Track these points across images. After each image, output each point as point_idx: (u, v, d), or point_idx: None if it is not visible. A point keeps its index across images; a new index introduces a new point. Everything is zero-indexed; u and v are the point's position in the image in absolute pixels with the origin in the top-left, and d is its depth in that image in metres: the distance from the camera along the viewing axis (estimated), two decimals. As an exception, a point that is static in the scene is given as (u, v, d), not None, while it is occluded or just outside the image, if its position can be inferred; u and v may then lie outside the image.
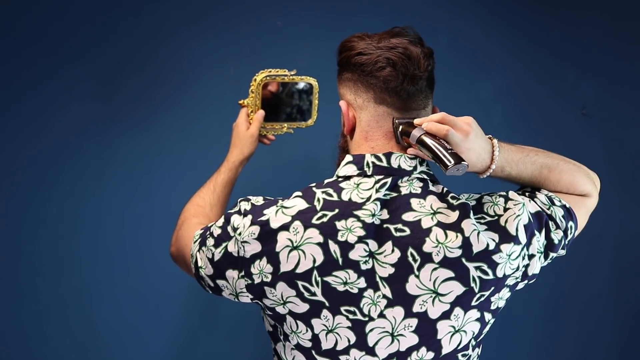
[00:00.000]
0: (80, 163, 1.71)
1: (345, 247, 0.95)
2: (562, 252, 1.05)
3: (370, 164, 1.01)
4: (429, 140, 0.96)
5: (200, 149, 1.75)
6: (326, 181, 1.02)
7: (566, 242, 1.05)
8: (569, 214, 1.05)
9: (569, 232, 1.04)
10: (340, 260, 0.95)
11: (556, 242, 1.02)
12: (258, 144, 1.30)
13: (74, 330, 1.71)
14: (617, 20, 1.86)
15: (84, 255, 1.72)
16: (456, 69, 1.80)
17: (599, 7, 1.86)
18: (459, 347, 1.00)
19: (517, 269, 0.99)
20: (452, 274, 0.95)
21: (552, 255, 1.03)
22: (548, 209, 1.03)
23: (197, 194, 1.24)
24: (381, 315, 0.96)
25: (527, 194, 1.06)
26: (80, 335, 1.71)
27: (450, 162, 0.94)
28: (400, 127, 1.01)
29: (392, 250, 0.96)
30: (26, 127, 1.69)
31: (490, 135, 1.03)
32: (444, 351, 0.99)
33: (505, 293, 1.00)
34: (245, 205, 1.02)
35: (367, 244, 0.96)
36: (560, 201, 1.05)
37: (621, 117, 1.86)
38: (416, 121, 0.99)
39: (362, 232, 0.96)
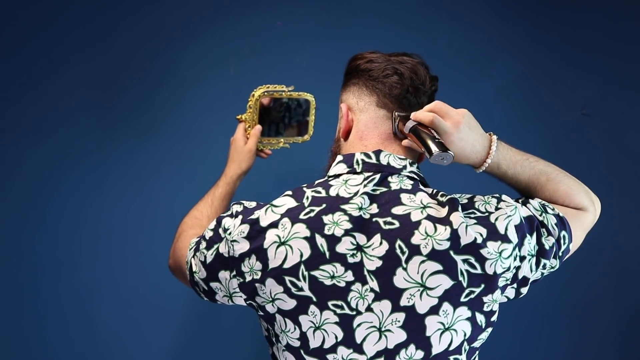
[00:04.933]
0: (80, 163, 1.71)
1: (332, 240, 0.96)
2: (554, 261, 1.05)
3: (360, 162, 1.04)
4: (419, 130, 0.99)
5: (200, 149, 1.75)
6: (317, 181, 1.04)
7: (559, 253, 1.05)
8: (562, 223, 1.05)
9: (561, 241, 1.04)
10: (327, 253, 0.96)
11: (547, 248, 1.02)
12: (256, 158, 1.32)
13: (74, 331, 1.71)
14: (617, 20, 1.86)
15: (84, 256, 1.72)
16: (456, 69, 1.80)
17: (599, 7, 1.86)
18: (450, 349, 0.99)
19: (509, 269, 0.98)
20: (440, 267, 0.95)
21: (544, 262, 1.02)
22: (540, 215, 1.03)
23: (195, 207, 1.26)
24: (369, 309, 0.96)
25: (520, 200, 1.07)
26: (80, 336, 1.71)
27: (435, 150, 0.96)
28: (398, 119, 1.04)
29: (380, 243, 0.96)
30: (27, 128, 1.70)
31: (492, 132, 1.04)
32: (434, 351, 0.98)
33: (498, 295, 1.00)
34: (237, 208, 1.04)
35: (354, 237, 0.96)
36: (553, 209, 1.05)
37: (621, 117, 1.86)
38: (413, 114, 1.03)
39: (348, 225, 0.97)
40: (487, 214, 0.99)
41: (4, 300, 1.69)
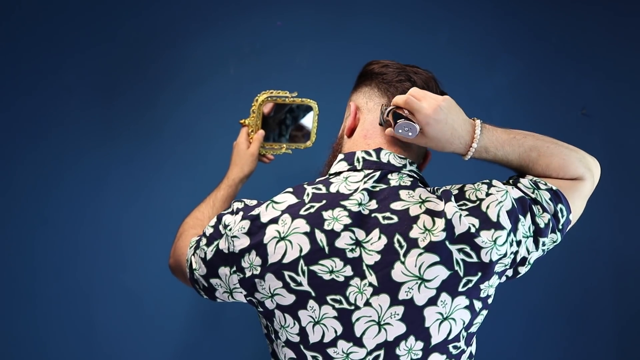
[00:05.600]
0: (80, 164, 1.71)
1: (332, 235, 0.97)
2: (554, 236, 1.03)
3: (360, 159, 1.05)
4: (396, 112, 1.01)
5: (200, 149, 1.75)
6: (318, 179, 1.06)
7: (559, 226, 1.04)
8: (557, 196, 1.03)
9: (559, 214, 1.03)
10: (326, 248, 0.97)
11: (543, 226, 1.01)
12: (258, 162, 1.32)
13: (73, 331, 1.71)
14: (618, 20, 1.86)
15: (83, 256, 1.72)
16: (456, 69, 1.80)
17: (599, 6, 1.86)
18: (450, 338, 1.00)
19: (505, 255, 0.99)
20: (437, 259, 0.96)
21: (543, 240, 1.02)
22: (532, 192, 1.03)
23: (196, 208, 1.27)
24: (367, 303, 0.97)
25: (511, 181, 1.07)
26: (79, 337, 1.71)
27: (400, 120, 0.98)
28: (383, 110, 1.05)
29: (379, 238, 0.97)
30: (27, 128, 1.70)
31: (475, 117, 1.04)
32: (434, 341, 0.99)
33: (494, 280, 1.00)
34: (238, 205, 1.05)
35: (353, 232, 0.97)
36: (545, 184, 1.04)
37: (621, 117, 1.86)
38: (393, 100, 1.04)
39: (348, 221, 0.97)
40: (477, 202, 0.99)
41: (3, 301, 1.69)
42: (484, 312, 1.03)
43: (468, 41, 1.84)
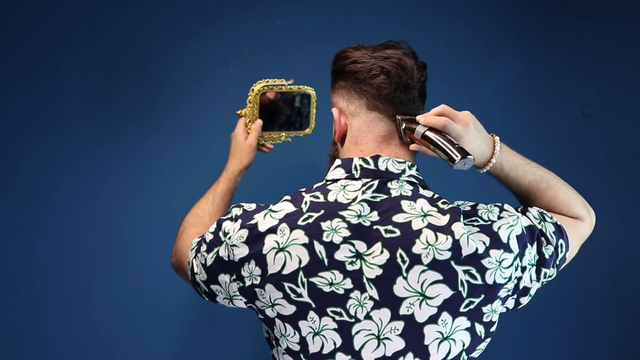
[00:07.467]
0: (80, 163, 1.71)
1: (331, 247, 0.96)
2: (551, 270, 1.05)
3: (358, 167, 1.02)
4: (433, 135, 0.98)
5: (200, 149, 1.75)
6: (315, 185, 1.04)
7: (557, 262, 1.05)
8: (560, 231, 1.05)
9: (559, 249, 1.05)
10: (325, 260, 0.96)
11: (547, 257, 1.02)
12: (257, 153, 1.31)
13: (74, 331, 1.71)
14: (617, 21, 1.86)
15: (84, 255, 1.72)
16: (456, 69, 1.80)
17: (599, 7, 1.86)
18: (449, 358, 0.99)
19: (510, 279, 0.98)
20: (440, 277, 0.95)
21: (545, 271, 1.03)
22: (539, 223, 1.04)
23: (196, 204, 1.25)
24: (367, 317, 0.96)
25: (519, 209, 1.07)
26: (80, 337, 1.71)
27: (457, 156, 0.95)
28: (404, 123, 1.02)
29: (381, 252, 0.96)
30: (27, 128, 1.70)
31: (493, 134, 1.05)
32: (432, 359, 0.98)
33: (497, 305, 1.00)
34: (237, 211, 1.04)
35: (353, 244, 0.96)
36: (551, 218, 1.06)
37: (621, 117, 1.86)
38: (418, 117, 1.01)
39: (347, 233, 0.96)
40: (489, 222, 0.99)
41: (4, 300, 1.69)
42: (487, 340, 1.02)
43: (467, 42, 1.84)
